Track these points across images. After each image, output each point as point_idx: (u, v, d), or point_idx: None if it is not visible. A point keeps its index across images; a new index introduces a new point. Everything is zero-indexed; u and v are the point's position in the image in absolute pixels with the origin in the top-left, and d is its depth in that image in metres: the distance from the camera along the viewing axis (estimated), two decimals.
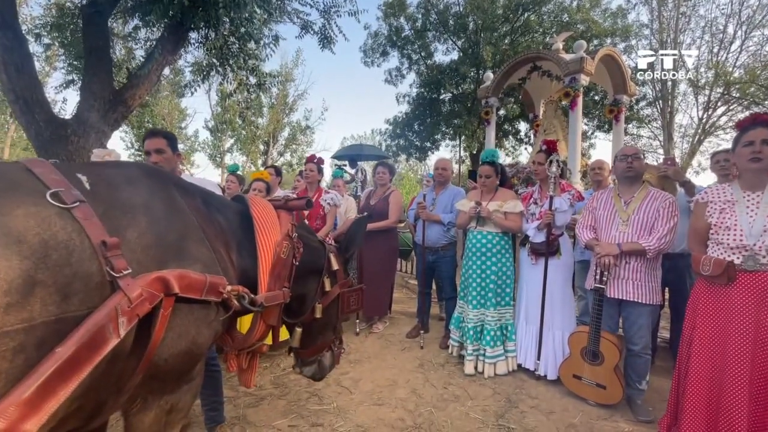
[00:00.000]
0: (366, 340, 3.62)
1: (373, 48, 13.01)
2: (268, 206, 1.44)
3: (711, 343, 1.83)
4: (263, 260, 1.28)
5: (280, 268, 1.34)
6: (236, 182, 3.90)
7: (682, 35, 12.24)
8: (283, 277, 1.34)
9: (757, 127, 1.74)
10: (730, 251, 1.79)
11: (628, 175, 2.43)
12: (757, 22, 10.99)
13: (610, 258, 2.32)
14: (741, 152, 1.78)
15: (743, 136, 1.78)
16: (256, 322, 1.28)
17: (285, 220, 1.44)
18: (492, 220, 2.96)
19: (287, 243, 1.38)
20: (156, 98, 21.11)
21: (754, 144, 1.72)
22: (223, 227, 1.27)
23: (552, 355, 2.82)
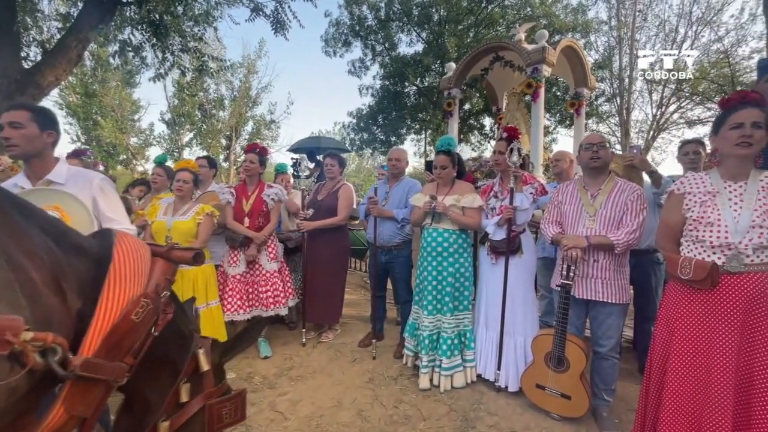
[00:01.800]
0: (313, 351, 3.24)
1: (334, 37, 12.52)
2: (140, 249, 1.01)
3: (692, 354, 1.60)
4: (102, 314, 0.86)
5: (124, 334, 0.89)
6: (164, 176, 3.39)
7: (639, 33, 12.58)
8: (125, 348, 0.89)
9: (747, 106, 1.50)
10: (711, 250, 1.56)
11: (594, 165, 2.19)
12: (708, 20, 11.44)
13: (577, 251, 2.07)
14: (727, 135, 1.53)
15: (730, 116, 1.53)
16: (57, 401, 0.81)
17: (159, 272, 1.02)
18: (448, 216, 2.65)
19: (149, 304, 0.95)
20: (104, 88, 19.71)
21: (743, 126, 1.48)
22: (61, 261, 0.84)
23: (513, 365, 2.56)
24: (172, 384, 1.04)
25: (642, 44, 12.71)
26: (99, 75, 19.21)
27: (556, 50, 5.74)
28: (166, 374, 1.05)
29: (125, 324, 0.89)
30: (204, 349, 1.13)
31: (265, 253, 3.03)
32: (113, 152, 21.16)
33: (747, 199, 1.51)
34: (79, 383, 0.82)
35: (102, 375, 0.85)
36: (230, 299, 2.89)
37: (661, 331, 1.75)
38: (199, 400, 1.10)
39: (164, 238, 2.69)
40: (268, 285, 3.00)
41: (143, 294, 0.97)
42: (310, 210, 3.38)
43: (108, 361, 0.85)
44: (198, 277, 2.73)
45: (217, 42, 17.24)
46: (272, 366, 2.97)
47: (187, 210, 2.81)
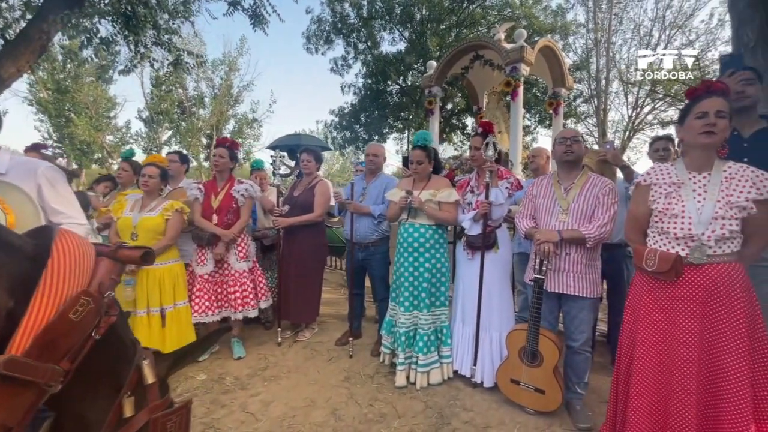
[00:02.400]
0: (288, 351, 3.16)
1: (316, 35, 12.38)
2: (82, 246, 0.93)
3: (656, 345, 1.61)
4: (35, 311, 0.78)
5: (60, 333, 0.81)
6: (130, 171, 3.26)
7: (615, 36, 12.90)
8: (60, 349, 0.80)
9: (711, 96, 1.52)
10: (675, 242, 1.57)
11: (567, 159, 2.19)
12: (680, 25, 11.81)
13: (549, 245, 2.07)
14: (692, 125, 1.55)
15: (695, 106, 1.54)
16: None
17: (104, 270, 0.95)
18: (424, 211, 2.62)
19: (90, 303, 0.88)
20: (78, 84, 19.03)
21: (708, 115, 1.49)
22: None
23: (489, 360, 2.55)
24: (114, 398, 0.96)
25: (618, 47, 13.06)
26: (72, 70, 18.57)
27: (534, 49, 5.81)
28: (106, 387, 0.95)
29: (62, 323, 0.81)
30: (149, 360, 1.05)
31: (234, 252, 2.92)
32: (87, 151, 20.47)
33: (710, 190, 1.53)
34: (4, 385, 0.75)
35: (31, 376, 0.77)
36: (198, 300, 2.79)
37: (628, 323, 1.76)
38: (144, 415, 1.02)
39: (130, 235, 2.59)
40: (237, 285, 2.90)
41: (84, 291, 0.90)
42: (285, 206, 3.30)
43: (40, 362, 0.78)
44: (165, 277, 2.63)
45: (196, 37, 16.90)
46: (245, 366, 2.88)
47: (155, 206, 2.70)
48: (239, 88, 22.39)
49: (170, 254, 2.70)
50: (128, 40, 5.53)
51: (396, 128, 13.06)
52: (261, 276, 3.12)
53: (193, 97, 21.69)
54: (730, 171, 1.51)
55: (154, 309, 2.60)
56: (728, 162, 1.55)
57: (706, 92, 1.54)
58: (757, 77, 1.95)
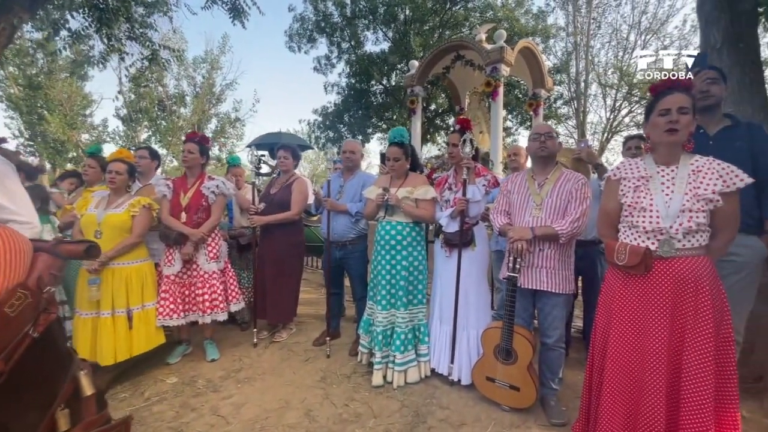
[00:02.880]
0: (264, 352, 3.09)
1: (299, 33, 12.26)
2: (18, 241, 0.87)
3: (628, 339, 1.61)
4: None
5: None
6: (97, 167, 3.13)
7: (593, 40, 13.20)
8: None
9: (674, 92, 1.53)
10: (645, 235, 1.57)
11: (541, 155, 2.20)
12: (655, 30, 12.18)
13: (522, 243, 2.07)
14: (656, 122, 1.56)
15: (658, 102, 1.56)
16: None
17: (42, 265, 0.89)
18: (401, 209, 2.60)
19: (28, 297, 0.82)
20: (51, 80, 18.37)
21: (670, 112, 1.51)
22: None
23: (466, 358, 2.54)
24: (47, 410, 0.89)
25: (596, 50, 13.36)
26: (45, 66, 17.93)
27: (514, 50, 5.88)
28: (39, 397, 0.89)
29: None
30: (86, 371, 0.98)
31: (203, 252, 2.81)
32: (61, 149, 19.76)
33: (678, 183, 1.54)
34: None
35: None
36: (163, 302, 2.68)
37: (601, 318, 1.77)
38: (78, 431, 0.95)
39: (94, 233, 2.48)
40: (206, 287, 2.78)
41: (21, 284, 0.84)
42: (261, 204, 3.23)
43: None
44: (132, 276, 2.53)
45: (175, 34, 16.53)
46: (218, 368, 2.80)
47: (122, 203, 2.60)
48: (222, 87, 22.07)
49: (138, 253, 2.60)
50: (101, 33, 5.35)
51: (380, 128, 13.03)
52: (233, 277, 3.02)
53: (174, 96, 21.25)
54: (697, 164, 1.53)
55: (120, 310, 2.49)
56: (695, 156, 1.56)
57: (668, 88, 1.56)
58: (721, 77, 2.00)
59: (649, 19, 12.67)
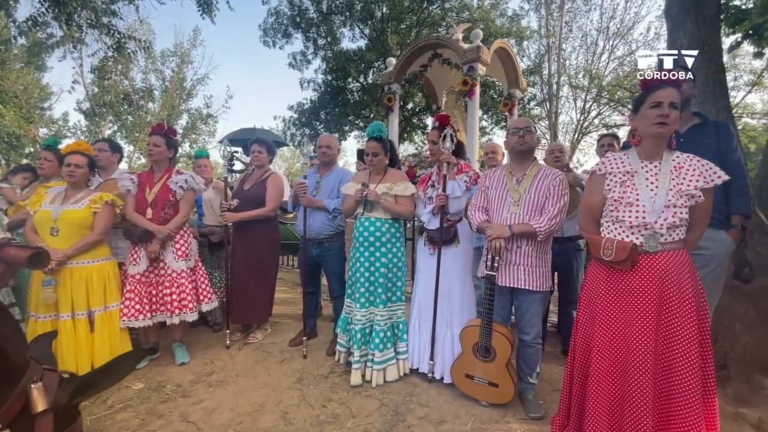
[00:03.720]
0: (238, 354, 2.98)
1: (274, 28, 11.99)
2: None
3: (613, 335, 1.62)
4: None
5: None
6: (54, 161, 2.92)
7: (565, 43, 13.60)
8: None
9: (666, 86, 1.55)
10: (630, 230, 1.59)
11: (519, 149, 2.20)
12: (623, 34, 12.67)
13: (501, 241, 2.07)
14: (646, 114, 1.57)
15: (649, 96, 1.57)
16: None
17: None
18: (381, 205, 2.55)
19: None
20: (4, 70, 17.23)
21: (662, 106, 1.53)
22: None
23: (450, 356, 2.51)
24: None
25: (567, 53, 13.78)
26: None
27: (490, 50, 5.95)
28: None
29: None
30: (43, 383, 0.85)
31: (171, 250, 2.67)
32: (17, 144, 18.57)
33: (662, 179, 1.56)
34: None
35: None
36: (128, 302, 2.52)
37: (584, 313, 1.77)
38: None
39: (49, 230, 2.31)
40: (174, 287, 2.64)
41: None
42: (234, 200, 3.10)
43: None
44: (93, 276, 2.37)
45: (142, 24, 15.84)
46: (189, 372, 2.67)
47: (82, 198, 2.43)
48: (193, 82, 21.42)
49: (99, 251, 2.44)
50: (59, 20, 5.01)
51: (357, 126, 12.94)
52: (204, 276, 2.89)
53: (141, 90, 20.41)
54: (679, 160, 1.56)
55: (80, 312, 2.33)
56: (676, 152, 1.60)
57: (660, 82, 1.58)
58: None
59: (617, 24, 13.18)
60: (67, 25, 5.17)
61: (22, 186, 3.15)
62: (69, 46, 5.20)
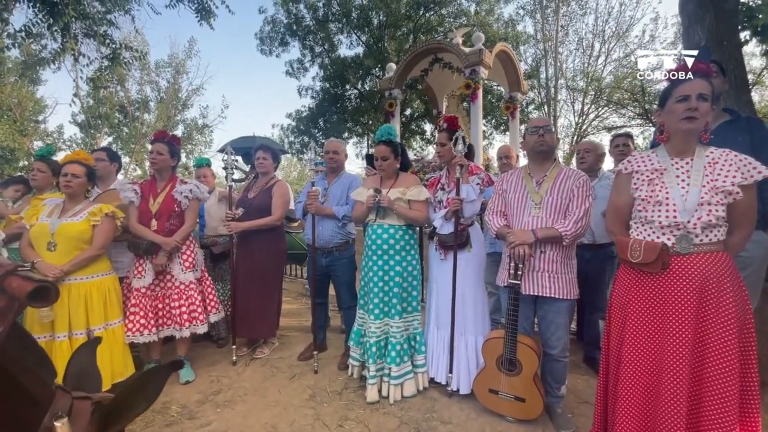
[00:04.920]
0: (245, 370, 2.83)
1: (270, 36, 11.97)
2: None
3: (645, 343, 1.52)
4: None
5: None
6: (47, 172, 2.81)
7: (561, 47, 13.65)
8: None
9: (693, 78, 1.46)
10: (660, 231, 1.49)
11: (540, 149, 2.10)
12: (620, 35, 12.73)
13: (524, 247, 1.96)
14: (673, 109, 1.48)
15: (676, 89, 1.48)
16: None
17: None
18: (394, 211, 2.44)
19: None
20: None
21: (689, 99, 1.43)
22: None
23: (465, 366, 2.40)
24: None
25: (564, 57, 13.82)
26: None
27: (492, 53, 5.91)
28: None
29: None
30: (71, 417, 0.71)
31: (178, 262, 2.56)
32: (11, 158, 18.44)
33: (694, 176, 1.47)
34: None
35: None
36: (132, 317, 2.40)
37: (616, 319, 1.67)
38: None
39: (46, 244, 2.18)
40: (183, 299, 2.53)
41: None
42: (239, 209, 2.99)
43: None
44: (93, 292, 2.23)
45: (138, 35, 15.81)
46: (194, 392, 2.53)
47: (80, 211, 2.31)
48: (188, 92, 21.47)
49: (99, 266, 2.31)
50: (53, 30, 4.92)
51: (356, 132, 12.88)
52: (210, 286, 2.78)
53: (137, 101, 20.40)
54: (713, 156, 1.47)
55: (78, 332, 2.19)
56: (710, 147, 1.50)
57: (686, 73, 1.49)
58: (720, 70, 1.98)
59: (612, 28, 13.26)
60: (62, 36, 5.08)
61: (14, 199, 3.02)
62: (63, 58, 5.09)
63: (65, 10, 4.46)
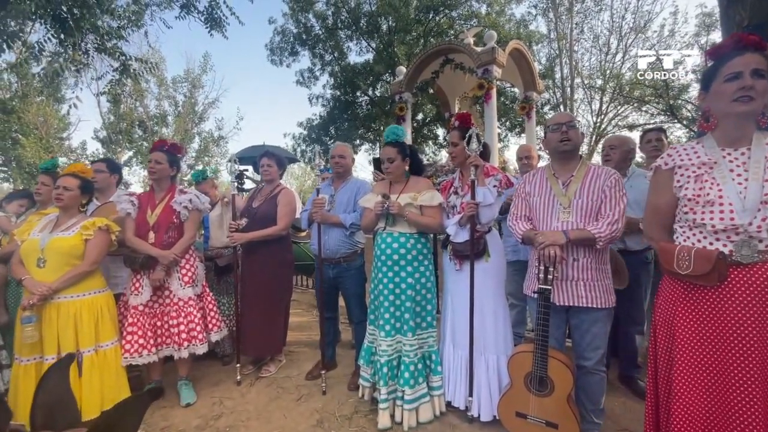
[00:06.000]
0: (249, 391, 2.66)
1: (281, 47, 12.04)
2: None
3: (702, 367, 1.26)
4: None
5: None
6: (51, 184, 2.72)
7: (576, 45, 13.28)
8: None
9: (744, 51, 1.22)
10: (713, 236, 1.24)
11: (564, 149, 1.88)
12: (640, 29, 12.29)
13: (556, 248, 1.73)
14: (721, 90, 1.23)
15: (723, 66, 1.23)
16: None
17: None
18: (405, 218, 2.24)
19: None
20: (26, 104, 17.89)
21: (742, 76, 1.20)
22: None
23: (486, 389, 2.16)
24: None
25: (580, 55, 13.45)
26: (19, 89, 17.50)
27: (505, 51, 5.69)
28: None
29: None
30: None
31: (177, 276, 2.41)
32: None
33: (753, 168, 1.22)
34: None
35: None
36: (130, 337, 2.25)
37: (662, 340, 1.42)
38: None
39: (36, 261, 2.06)
40: (181, 317, 2.37)
41: None
42: (243, 219, 2.85)
43: None
44: (83, 312, 2.10)
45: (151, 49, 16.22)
46: (194, 416, 2.36)
47: (73, 225, 2.19)
48: (204, 106, 22.03)
49: (91, 283, 2.17)
50: (65, 45, 4.96)
51: (367, 139, 12.78)
52: (212, 303, 2.62)
53: (155, 116, 20.99)
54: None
55: None
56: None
57: (735, 48, 1.25)
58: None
59: (630, 24, 12.84)
60: (72, 50, 5.12)
61: (18, 213, 2.96)
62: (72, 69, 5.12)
63: (79, 23, 4.47)
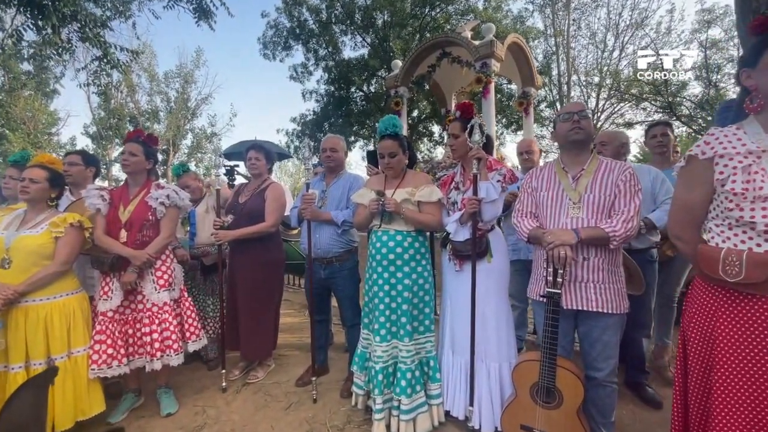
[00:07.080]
0: (235, 398, 2.50)
1: (274, 41, 11.81)
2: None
3: (753, 386, 1.12)
4: None
5: None
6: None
7: (573, 42, 13.19)
8: None
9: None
10: (762, 236, 1.09)
11: (576, 138, 1.73)
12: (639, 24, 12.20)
13: (566, 249, 1.59)
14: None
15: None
16: None
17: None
18: (401, 215, 2.09)
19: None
20: (13, 98, 17.52)
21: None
22: None
23: (487, 399, 2.02)
24: None
25: (576, 52, 13.36)
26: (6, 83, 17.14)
27: (503, 45, 5.55)
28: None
29: None
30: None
31: (151, 279, 2.20)
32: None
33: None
34: None
35: None
36: (98, 346, 2.05)
37: (696, 353, 1.25)
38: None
39: (0, 261, 1.88)
40: (155, 324, 2.16)
41: None
42: (229, 216, 2.68)
43: None
44: (54, 316, 1.93)
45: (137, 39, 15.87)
46: (175, 426, 2.20)
47: (42, 221, 2.01)
48: (197, 101, 21.76)
49: (63, 285, 2.00)
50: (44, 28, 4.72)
51: (362, 136, 12.60)
52: (191, 308, 2.42)
53: (147, 112, 20.67)
54: None
55: (37, 362, 1.88)
56: None
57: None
58: None
59: (627, 20, 12.76)
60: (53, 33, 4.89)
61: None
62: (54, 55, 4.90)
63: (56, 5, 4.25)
